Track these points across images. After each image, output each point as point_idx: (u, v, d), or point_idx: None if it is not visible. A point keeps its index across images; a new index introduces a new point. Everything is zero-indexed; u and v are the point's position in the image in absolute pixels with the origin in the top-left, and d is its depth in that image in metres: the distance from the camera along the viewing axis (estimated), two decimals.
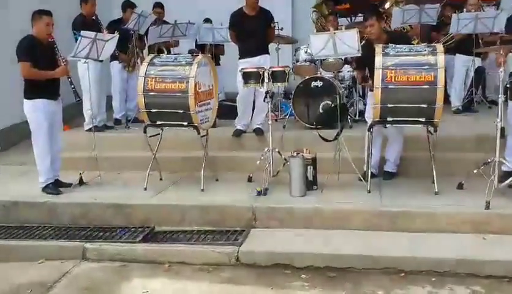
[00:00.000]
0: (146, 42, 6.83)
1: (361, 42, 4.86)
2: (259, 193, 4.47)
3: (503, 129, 4.15)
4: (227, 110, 6.09)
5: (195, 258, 3.86)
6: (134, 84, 6.35)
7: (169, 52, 6.44)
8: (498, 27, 6.08)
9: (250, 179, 4.91)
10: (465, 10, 6.73)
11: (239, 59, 5.63)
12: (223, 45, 7.37)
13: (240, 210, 4.31)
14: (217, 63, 7.02)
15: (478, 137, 5.04)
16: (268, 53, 5.72)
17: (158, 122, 4.75)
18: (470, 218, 3.94)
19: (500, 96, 4.14)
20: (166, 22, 6.77)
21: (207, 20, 7.33)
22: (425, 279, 3.47)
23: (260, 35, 5.57)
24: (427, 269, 3.53)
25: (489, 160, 4.22)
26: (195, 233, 4.20)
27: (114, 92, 6.57)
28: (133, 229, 4.28)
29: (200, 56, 4.88)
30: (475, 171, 4.33)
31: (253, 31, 5.48)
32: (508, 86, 4.16)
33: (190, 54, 4.99)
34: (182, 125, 4.72)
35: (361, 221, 4.10)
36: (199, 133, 4.75)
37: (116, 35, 5.16)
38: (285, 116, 6.29)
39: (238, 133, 5.69)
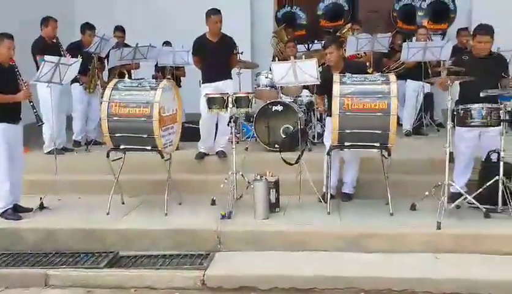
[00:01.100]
0: (106, 64, 6.83)
1: (319, 67, 5.09)
2: (223, 217, 4.55)
3: (451, 154, 4.48)
4: (189, 132, 6.15)
5: (161, 283, 3.89)
6: (95, 106, 6.38)
7: (130, 74, 6.47)
8: (444, 56, 6.54)
9: (213, 202, 4.98)
10: (414, 38, 7.18)
11: (202, 83, 5.75)
12: (183, 67, 7.46)
13: (205, 234, 4.37)
14: (178, 85, 7.09)
15: (429, 160, 5.33)
16: (231, 78, 5.87)
17: (122, 146, 4.76)
18: (423, 238, 4.17)
19: (448, 123, 4.46)
20: (127, 46, 6.81)
21: (167, 43, 7.42)
22: None
23: (223, 60, 5.72)
24: (386, 288, 3.70)
25: (439, 183, 4.50)
26: (160, 257, 4.22)
27: (75, 114, 6.51)
28: (97, 254, 4.24)
29: (164, 80, 4.96)
30: (426, 193, 4.60)
31: (216, 57, 5.61)
32: (455, 113, 4.49)
33: (154, 79, 5.04)
34: (145, 150, 4.75)
35: (322, 242, 4.24)
36: (163, 157, 4.80)
37: (79, 60, 5.17)
38: (247, 138, 6.45)
39: (201, 156, 5.78)
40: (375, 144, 4.50)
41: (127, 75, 5.42)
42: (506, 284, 3.65)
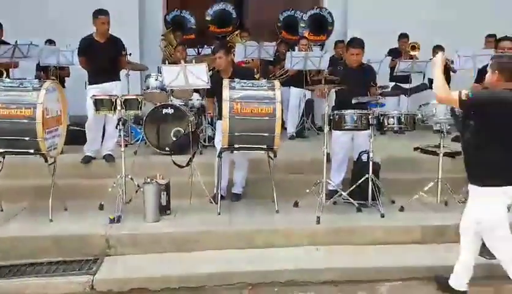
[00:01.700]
0: None
1: (209, 71, 5.25)
2: (112, 221, 4.49)
3: (328, 154, 4.92)
4: (74, 135, 5.93)
5: (47, 290, 3.75)
6: None
7: (8, 73, 6.06)
8: (323, 65, 7.10)
9: (101, 207, 4.88)
10: (297, 48, 7.69)
11: (89, 84, 5.61)
12: (68, 67, 7.16)
13: (93, 239, 4.28)
14: (62, 85, 6.80)
15: (310, 160, 5.72)
16: (119, 80, 5.79)
17: (1, 150, 4.46)
18: (304, 232, 4.49)
19: (325, 126, 4.90)
20: (5, 43, 6.36)
21: (50, 41, 7.06)
22: (270, 290, 3.89)
23: (111, 62, 5.62)
24: (271, 281, 3.95)
25: (318, 181, 4.91)
26: (45, 265, 4.04)
27: None
28: None
29: (48, 81, 4.74)
30: (308, 191, 4.98)
31: (103, 58, 5.51)
32: (331, 118, 4.94)
33: (37, 79, 4.79)
34: (28, 153, 4.49)
35: (213, 241, 4.38)
36: (47, 161, 4.60)
37: None
38: (136, 141, 6.39)
39: (87, 160, 5.60)
40: (262, 146, 4.75)
41: (5, 74, 5.08)
42: (375, 270, 4.09)
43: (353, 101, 4.81)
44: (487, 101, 3.36)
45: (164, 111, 6.05)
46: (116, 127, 4.80)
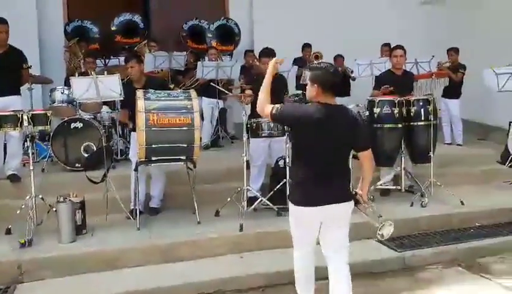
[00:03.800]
0: None
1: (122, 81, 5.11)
2: (23, 245, 4.19)
3: (247, 162, 5.00)
4: None
5: None
6: None
7: None
8: (234, 75, 7.21)
9: (8, 231, 4.54)
10: (207, 58, 7.73)
11: None
12: None
13: (2, 266, 3.96)
14: None
15: (227, 169, 5.79)
16: (19, 94, 5.41)
17: None
18: (228, 241, 4.50)
19: (244, 135, 4.99)
20: None
21: None
22: None
23: (9, 74, 5.24)
24: (199, 293, 3.90)
25: (239, 189, 4.97)
26: None
27: None
28: None
29: None
30: (228, 199, 5.02)
31: (2, 70, 5.11)
32: (248, 126, 5.03)
33: None
34: None
35: (133, 258, 4.24)
36: None
37: None
38: (43, 158, 6.01)
39: None
40: (182, 157, 4.71)
41: None
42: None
43: None
44: (289, 116, 3.17)
45: (72, 125, 5.77)
46: (24, 144, 4.48)
